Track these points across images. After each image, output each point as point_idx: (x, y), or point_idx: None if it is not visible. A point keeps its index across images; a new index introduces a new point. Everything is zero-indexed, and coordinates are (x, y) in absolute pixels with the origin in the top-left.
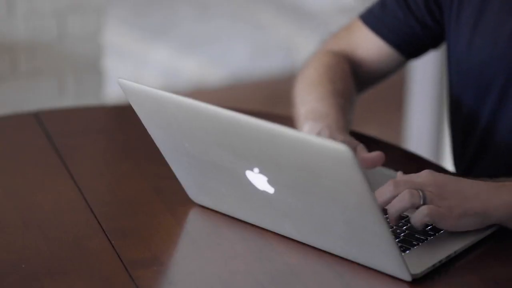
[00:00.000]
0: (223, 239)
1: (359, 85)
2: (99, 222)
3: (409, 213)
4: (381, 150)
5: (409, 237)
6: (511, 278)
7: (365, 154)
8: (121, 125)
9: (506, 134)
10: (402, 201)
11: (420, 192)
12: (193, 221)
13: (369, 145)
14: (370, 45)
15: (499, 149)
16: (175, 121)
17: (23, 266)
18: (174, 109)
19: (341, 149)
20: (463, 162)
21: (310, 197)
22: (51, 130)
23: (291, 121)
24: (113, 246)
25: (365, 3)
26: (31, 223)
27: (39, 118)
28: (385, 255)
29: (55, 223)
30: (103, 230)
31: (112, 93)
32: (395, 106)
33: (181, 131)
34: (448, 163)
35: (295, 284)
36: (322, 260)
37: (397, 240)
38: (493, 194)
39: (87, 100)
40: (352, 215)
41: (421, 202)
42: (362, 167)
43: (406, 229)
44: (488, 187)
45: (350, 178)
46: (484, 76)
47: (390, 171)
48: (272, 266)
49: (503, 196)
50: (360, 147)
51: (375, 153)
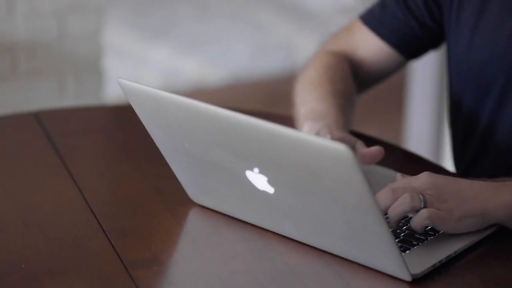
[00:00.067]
0: (223, 239)
1: (359, 85)
2: (99, 222)
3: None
4: None
5: (409, 237)
6: (511, 278)
7: (364, 150)
8: (121, 125)
9: (506, 134)
10: (403, 205)
11: (420, 196)
12: (193, 221)
13: (369, 145)
14: (370, 46)
15: (499, 149)
16: (175, 121)
17: (23, 266)
18: (174, 109)
19: (341, 149)
20: (464, 163)
21: (310, 197)
22: (51, 130)
23: (291, 121)
24: (113, 246)
25: (365, 3)
26: (31, 223)
27: (39, 118)
28: (385, 255)
29: (55, 223)
30: (103, 230)
31: (112, 93)
32: (395, 107)
33: (181, 131)
34: (448, 163)
35: (295, 284)
36: (322, 260)
37: (397, 240)
38: (493, 194)
39: (87, 100)
40: (352, 215)
41: (422, 206)
42: (362, 162)
43: (406, 229)
44: (487, 187)
45: (350, 178)
46: (484, 76)
47: (390, 171)
48: (272, 266)
49: (503, 196)
50: (359, 143)
51: (374, 148)
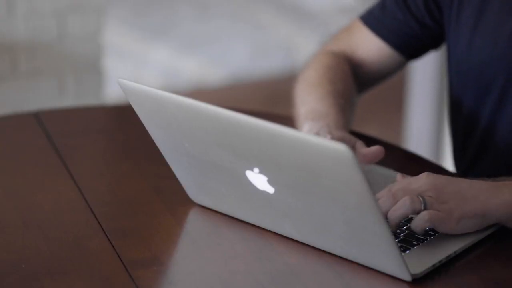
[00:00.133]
0: (223, 239)
1: (359, 85)
2: (99, 222)
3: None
4: None
5: (409, 237)
6: (511, 278)
7: (364, 149)
8: (121, 125)
9: (506, 134)
10: (403, 208)
11: (420, 198)
12: (193, 221)
13: (369, 145)
14: (370, 46)
15: (499, 149)
16: (175, 121)
17: (23, 266)
18: (174, 109)
19: (341, 149)
20: (464, 163)
21: (310, 197)
22: (51, 130)
23: (291, 121)
24: (113, 246)
25: (365, 3)
26: (31, 223)
27: (39, 118)
28: (385, 255)
29: (55, 223)
30: (103, 230)
31: (112, 93)
32: (395, 107)
33: (181, 131)
34: (448, 163)
35: (295, 284)
36: (322, 260)
37: (397, 240)
38: (493, 194)
39: (87, 100)
40: (352, 215)
41: (422, 208)
42: (363, 162)
43: (406, 229)
44: (487, 186)
45: (350, 178)
46: (484, 76)
47: (390, 171)
48: (272, 266)
49: (503, 196)
50: (359, 143)
51: (375, 148)
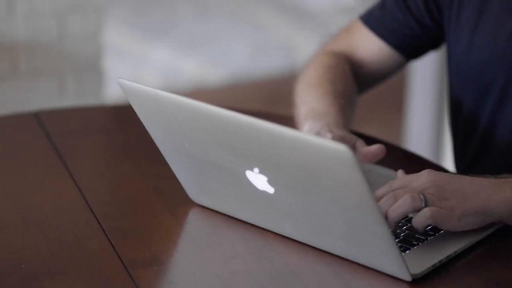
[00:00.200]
0: (223, 239)
1: (359, 86)
2: (99, 222)
3: (412, 214)
4: None
5: (409, 237)
6: (511, 278)
7: (365, 148)
8: (121, 125)
9: (506, 134)
10: (404, 206)
11: (421, 196)
12: (193, 221)
13: (370, 145)
14: (370, 46)
15: (500, 149)
16: (175, 121)
17: (23, 266)
18: (174, 109)
19: (341, 149)
20: (464, 163)
21: (310, 197)
22: (51, 130)
23: (291, 121)
24: (113, 246)
25: (365, 4)
26: (31, 223)
27: (39, 118)
28: (385, 255)
29: (55, 223)
30: (103, 230)
31: (112, 93)
32: (396, 107)
33: (181, 131)
34: (448, 163)
35: (295, 284)
36: (322, 260)
37: (397, 240)
38: (494, 191)
39: (87, 100)
40: (352, 215)
41: (423, 205)
42: (364, 161)
43: (406, 229)
44: (489, 184)
45: (350, 178)
46: (484, 77)
47: (390, 171)
48: (272, 266)
49: (504, 193)
50: (360, 142)
51: (376, 146)
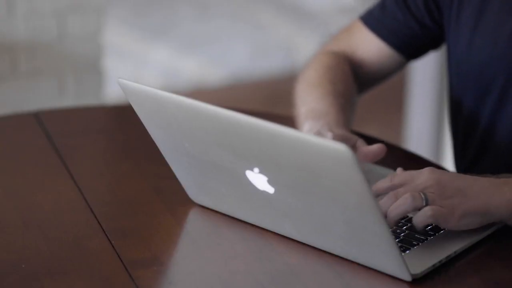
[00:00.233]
0: (223, 239)
1: (359, 86)
2: (99, 222)
3: (411, 213)
4: None
5: (409, 237)
6: (511, 278)
7: (366, 148)
8: (121, 125)
9: (506, 134)
10: (404, 205)
11: (422, 194)
12: (193, 221)
13: (370, 145)
14: (370, 46)
15: (500, 149)
16: (175, 121)
17: (23, 266)
18: (174, 109)
19: (341, 149)
20: (464, 163)
21: (310, 197)
22: (51, 130)
23: (291, 121)
24: (113, 246)
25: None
26: (31, 223)
27: (39, 118)
28: (385, 255)
29: (55, 223)
30: (103, 230)
31: (112, 93)
32: (396, 107)
33: (181, 131)
34: (448, 163)
35: (295, 284)
36: (322, 260)
37: (397, 240)
38: (495, 192)
39: (87, 100)
40: (352, 215)
41: (424, 204)
42: (365, 160)
43: (406, 229)
44: (490, 184)
45: (350, 178)
46: (484, 77)
47: (390, 171)
48: (272, 266)
49: (505, 194)
50: (360, 141)
51: (376, 146)
